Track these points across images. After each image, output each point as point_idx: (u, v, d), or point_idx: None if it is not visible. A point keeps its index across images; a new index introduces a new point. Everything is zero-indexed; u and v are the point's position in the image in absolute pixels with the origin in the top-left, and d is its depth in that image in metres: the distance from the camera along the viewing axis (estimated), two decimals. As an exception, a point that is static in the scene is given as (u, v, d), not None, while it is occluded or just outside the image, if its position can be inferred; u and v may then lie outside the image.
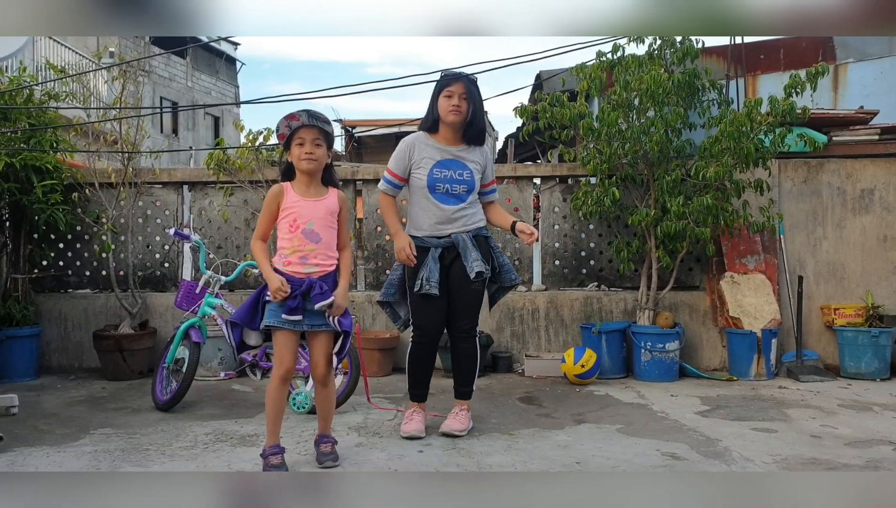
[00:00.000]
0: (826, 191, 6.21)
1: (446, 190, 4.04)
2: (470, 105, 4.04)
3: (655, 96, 5.54)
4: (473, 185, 4.12)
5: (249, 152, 6.23)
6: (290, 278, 3.43)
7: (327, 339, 3.54)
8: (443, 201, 4.05)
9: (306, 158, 3.45)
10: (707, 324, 6.19)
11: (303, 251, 3.47)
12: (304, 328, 3.46)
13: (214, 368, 5.84)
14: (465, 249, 4.01)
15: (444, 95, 4.05)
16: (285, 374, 3.47)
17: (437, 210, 4.05)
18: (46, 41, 13.46)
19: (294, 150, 3.48)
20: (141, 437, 4.14)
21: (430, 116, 4.12)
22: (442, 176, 4.04)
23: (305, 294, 3.42)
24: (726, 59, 7.08)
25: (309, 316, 3.45)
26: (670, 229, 5.55)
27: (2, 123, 5.95)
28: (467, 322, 4.15)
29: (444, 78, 4.12)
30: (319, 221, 3.50)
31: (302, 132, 3.45)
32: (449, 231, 4.06)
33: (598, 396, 5.19)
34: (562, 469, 3.52)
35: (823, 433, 4.12)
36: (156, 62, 23.89)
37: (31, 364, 5.99)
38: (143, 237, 6.53)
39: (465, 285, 4.06)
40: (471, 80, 4.12)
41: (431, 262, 4.01)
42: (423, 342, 4.14)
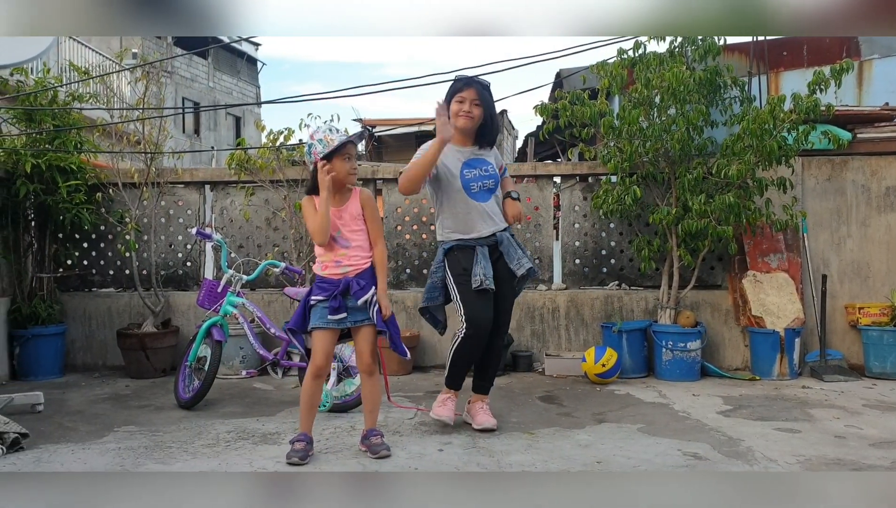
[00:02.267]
0: (850, 189, 6.14)
1: (480, 187, 4.12)
2: (482, 110, 4.09)
3: (677, 94, 5.51)
4: (497, 177, 4.21)
5: (270, 152, 6.27)
6: (329, 281, 3.68)
7: (370, 332, 3.72)
8: (480, 199, 4.11)
9: (353, 173, 3.73)
10: (729, 323, 6.14)
11: (336, 256, 3.71)
12: (348, 324, 3.69)
13: (236, 366, 5.88)
14: (510, 247, 4.09)
15: (456, 99, 4.09)
16: (317, 371, 3.70)
17: (478, 208, 4.10)
18: (70, 43, 13.62)
19: (339, 164, 3.66)
20: (164, 435, 4.18)
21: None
22: (472, 176, 4.12)
23: (345, 293, 3.65)
24: (749, 56, 7.02)
25: (352, 313, 3.67)
26: (692, 227, 5.51)
27: (27, 125, 6.03)
28: (506, 322, 4.26)
29: (456, 82, 4.15)
30: (346, 227, 3.71)
31: (349, 147, 3.69)
32: (491, 229, 4.12)
33: (619, 395, 5.17)
34: (582, 468, 3.50)
35: (848, 434, 4.08)
36: (178, 63, 24.09)
37: (57, 362, 6.07)
38: (165, 237, 6.59)
39: (508, 284, 4.14)
40: (483, 84, 4.14)
41: (483, 259, 4.04)
42: (476, 337, 4.07)
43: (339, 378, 4.70)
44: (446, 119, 3.95)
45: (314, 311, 3.69)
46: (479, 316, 4.03)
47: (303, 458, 3.58)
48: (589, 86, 6.24)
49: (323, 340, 3.68)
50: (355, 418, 4.42)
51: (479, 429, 4.15)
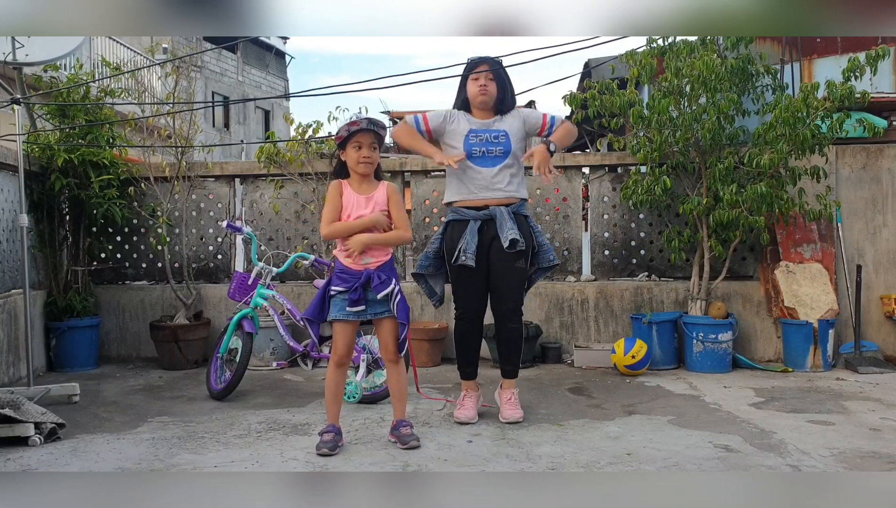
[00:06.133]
0: (886, 177, 6.02)
1: (483, 153, 4.17)
2: (497, 84, 4.22)
3: (708, 83, 5.43)
4: (510, 146, 4.20)
5: (299, 145, 6.30)
6: (349, 271, 3.70)
7: (392, 324, 3.77)
8: (481, 165, 4.17)
9: (364, 162, 3.72)
10: (761, 314, 6.07)
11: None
12: (368, 316, 3.73)
13: (266, 358, 5.94)
14: (502, 220, 4.07)
15: (471, 78, 4.25)
16: (339, 360, 3.76)
17: (476, 174, 4.17)
18: (102, 39, 13.79)
19: (351, 152, 3.73)
20: (197, 425, 4.24)
21: (459, 98, 4.34)
22: (477, 140, 4.20)
23: (366, 286, 3.67)
24: (781, 44, 6.91)
25: (371, 306, 3.71)
26: (723, 217, 5.45)
27: (61, 120, 6.12)
28: (510, 304, 4.20)
29: (470, 62, 4.31)
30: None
31: (360, 136, 3.71)
32: (487, 197, 4.14)
33: (649, 387, 5.14)
34: (612, 460, 3.49)
35: (883, 427, 4.01)
36: (207, 57, 24.27)
37: (92, 354, 6.17)
38: (196, 230, 6.65)
39: (506, 263, 4.11)
40: (496, 61, 4.29)
41: (469, 235, 4.08)
42: (464, 319, 4.23)
43: (369, 370, 4.73)
44: (449, 161, 4.08)
45: (334, 302, 3.72)
46: (463, 295, 4.20)
47: (332, 449, 3.61)
48: (618, 75, 6.18)
49: (344, 331, 3.73)
50: (385, 409, 4.44)
51: (505, 422, 4.15)
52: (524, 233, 4.11)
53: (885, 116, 5.95)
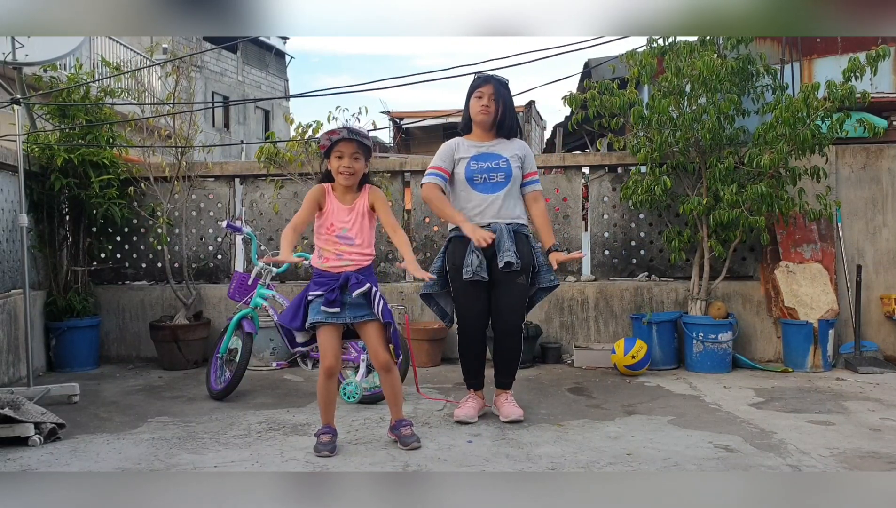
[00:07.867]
0: (886, 177, 6.02)
1: (484, 179, 4.19)
2: (499, 105, 4.23)
3: (708, 83, 5.43)
4: (511, 172, 4.21)
5: (299, 145, 6.30)
6: (327, 275, 3.64)
7: (376, 327, 3.67)
8: (481, 190, 4.19)
9: (344, 172, 3.65)
10: (761, 314, 6.07)
11: (338, 249, 3.67)
12: (346, 320, 3.63)
13: (266, 358, 5.93)
14: (501, 238, 4.07)
15: (475, 96, 4.27)
16: (328, 370, 3.67)
17: (477, 198, 4.18)
18: (102, 39, 13.79)
19: (333, 162, 3.68)
20: (196, 425, 4.24)
21: (465, 118, 4.36)
22: (479, 168, 4.21)
23: (343, 288, 3.60)
24: (781, 44, 6.91)
25: (350, 309, 3.63)
26: (723, 217, 5.45)
27: (61, 120, 6.12)
28: (511, 320, 4.19)
29: (475, 81, 4.33)
30: (353, 225, 3.69)
31: (342, 146, 3.65)
32: (488, 220, 4.15)
33: (649, 387, 5.14)
34: (612, 460, 3.49)
35: (884, 427, 4.01)
36: (207, 57, 24.27)
37: (92, 354, 6.17)
38: (196, 230, 6.65)
39: (504, 280, 4.12)
40: (500, 81, 4.30)
41: (476, 249, 4.07)
42: (466, 331, 4.24)
43: (369, 370, 4.72)
44: (479, 239, 3.99)
45: (312, 306, 3.64)
46: (466, 309, 4.18)
47: (332, 450, 3.60)
48: (618, 75, 6.18)
49: (328, 339, 3.64)
50: (385, 409, 4.43)
51: (505, 421, 4.15)
52: (524, 252, 4.12)
53: (885, 116, 5.95)
